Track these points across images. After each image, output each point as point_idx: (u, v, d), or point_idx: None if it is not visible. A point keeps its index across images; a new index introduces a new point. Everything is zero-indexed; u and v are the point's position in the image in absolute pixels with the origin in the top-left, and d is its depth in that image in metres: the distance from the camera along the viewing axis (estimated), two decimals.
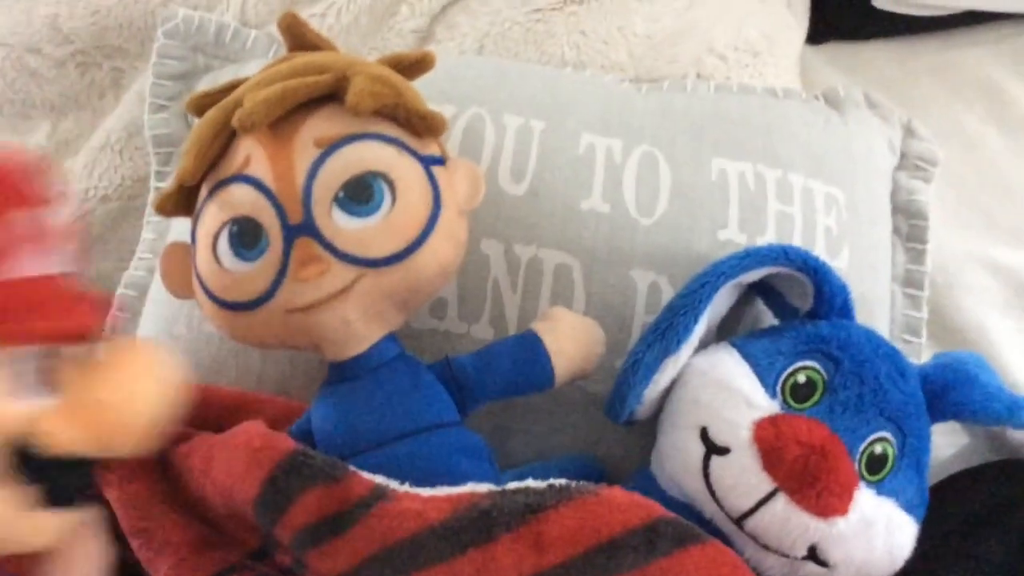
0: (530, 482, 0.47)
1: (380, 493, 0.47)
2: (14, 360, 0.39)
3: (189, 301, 0.62)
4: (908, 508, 0.52)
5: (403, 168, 0.53)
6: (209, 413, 0.59)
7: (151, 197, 0.78)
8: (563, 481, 0.46)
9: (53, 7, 0.82)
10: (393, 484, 0.48)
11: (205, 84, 0.74)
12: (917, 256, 0.72)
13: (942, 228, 0.76)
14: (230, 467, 0.50)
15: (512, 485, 0.47)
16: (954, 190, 0.81)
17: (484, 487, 0.47)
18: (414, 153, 0.53)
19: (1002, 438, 0.58)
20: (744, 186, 0.66)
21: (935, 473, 0.58)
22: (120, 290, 0.74)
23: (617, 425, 0.58)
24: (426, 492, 0.47)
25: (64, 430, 0.40)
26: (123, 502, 0.53)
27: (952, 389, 0.56)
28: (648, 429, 0.58)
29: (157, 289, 0.71)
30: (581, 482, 0.47)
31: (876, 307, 0.68)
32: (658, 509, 0.46)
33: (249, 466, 0.49)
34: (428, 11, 0.78)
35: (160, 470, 0.55)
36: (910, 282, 0.72)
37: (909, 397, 0.53)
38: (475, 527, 0.44)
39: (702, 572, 0.44)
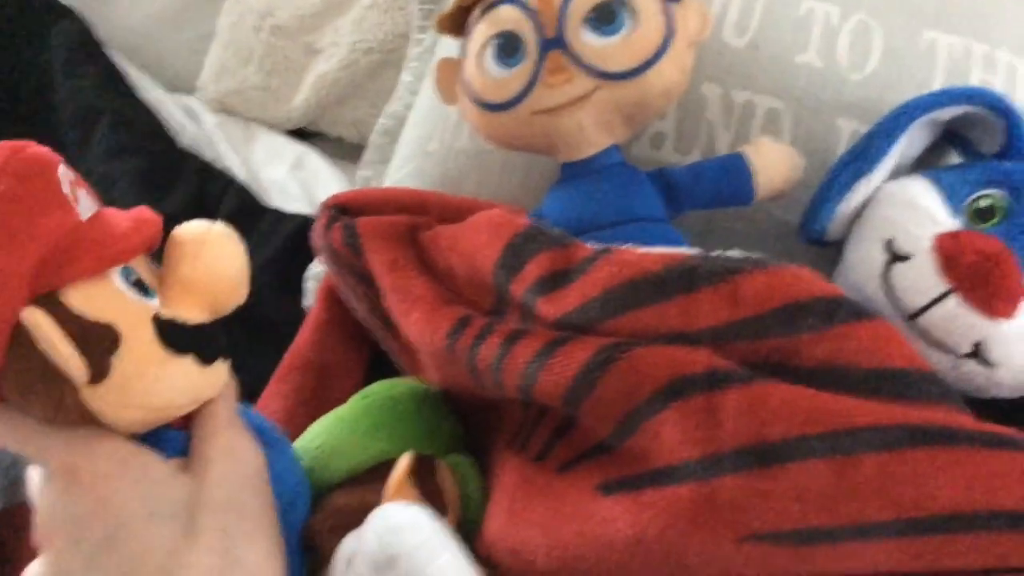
0: (732, 252, 0.55)
1: (603, 250, 0.56)
2: (120, 276, 0.46)
3: (440, 123, 0.73)
4: None
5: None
6: (449, 213, 0.69)
7: (410, 49, 0.90)
8: (760, 255, 0.54)
9: None
10: (614, 245, 0.57)
11: None
12: None
13: None
14: (475, 239, 0.60)
15: (715, 252, 0.55)
16: None
17: (693, 250, 0.56)
18: None
19: None
20: (951, 57, 0.71)
21: None
22: (381, 120, 0.87)
23: (806, 253, 0.65)
24: (642, 249, 0.55)
25: (186, 306, 0.47)
26: (386, 265, 0.64)
27: None
28: (831, 259, 0.64)
29: (414, 117, 0.83)
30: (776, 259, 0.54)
31: None
32: (841, 291, 0.53)
33: (491, 237, 0.59)
34: None
35: (414, 249, 0.66)
36: None
37: None
38: (681, 279, 0.52)
39: (875, 342, 0.51)
